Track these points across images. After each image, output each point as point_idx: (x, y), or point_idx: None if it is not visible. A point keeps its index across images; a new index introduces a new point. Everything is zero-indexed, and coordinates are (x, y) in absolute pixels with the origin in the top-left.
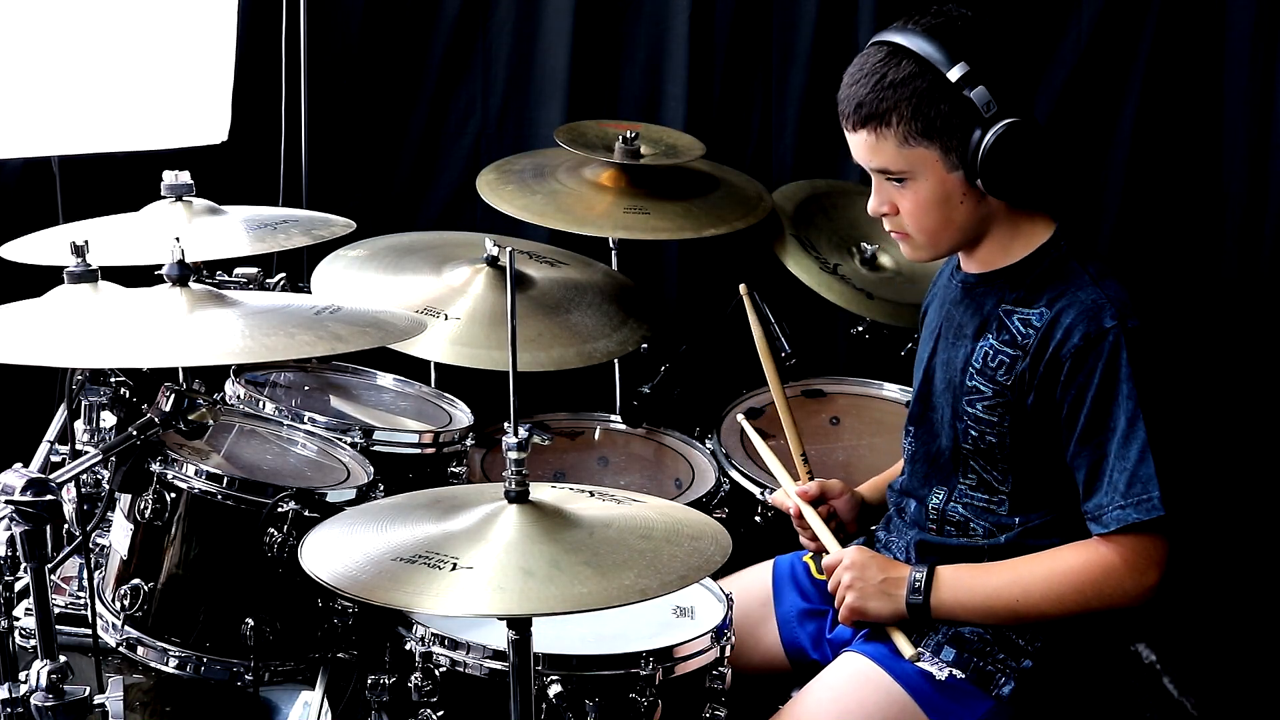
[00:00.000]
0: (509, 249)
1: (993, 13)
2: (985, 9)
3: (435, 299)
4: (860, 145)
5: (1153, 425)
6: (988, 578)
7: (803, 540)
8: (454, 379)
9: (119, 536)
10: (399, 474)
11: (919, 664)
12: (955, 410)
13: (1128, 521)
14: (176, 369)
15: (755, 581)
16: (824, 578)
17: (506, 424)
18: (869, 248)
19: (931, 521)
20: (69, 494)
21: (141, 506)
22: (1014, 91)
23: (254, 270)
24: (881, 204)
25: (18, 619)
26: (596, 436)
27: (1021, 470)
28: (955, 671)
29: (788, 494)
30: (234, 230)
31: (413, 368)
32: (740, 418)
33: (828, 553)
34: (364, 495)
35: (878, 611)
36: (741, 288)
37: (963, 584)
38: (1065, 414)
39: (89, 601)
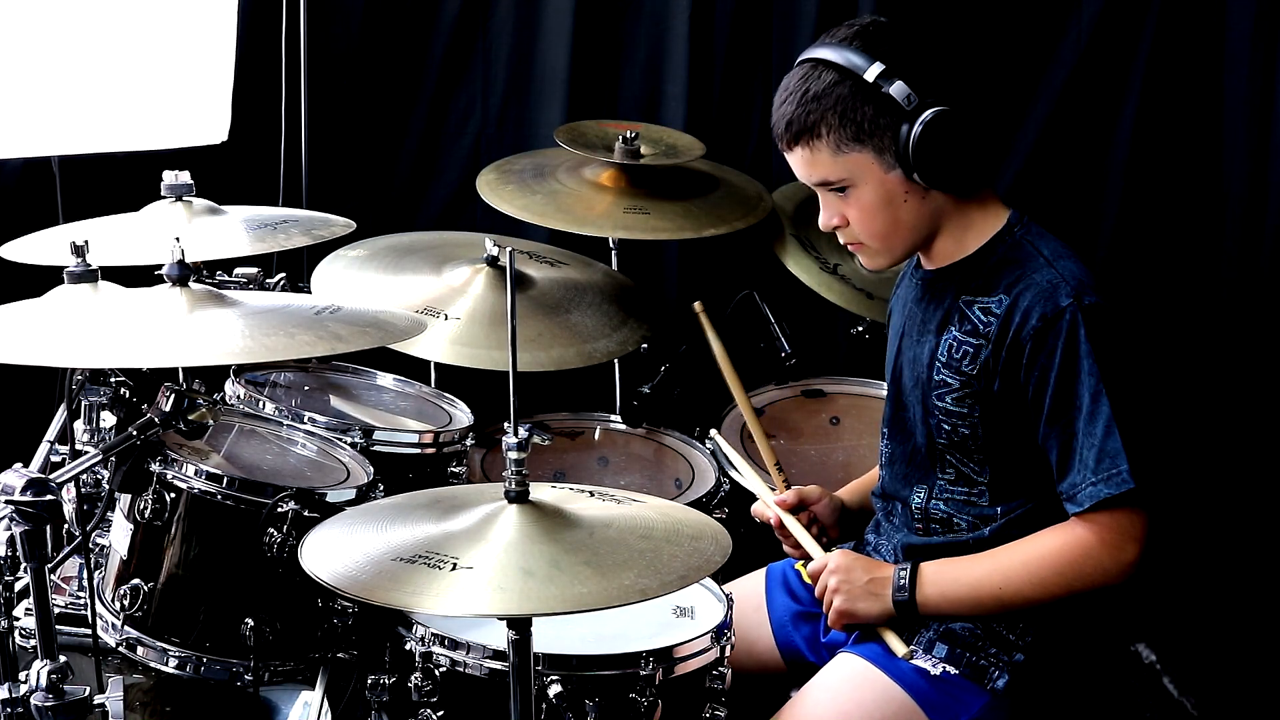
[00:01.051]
0: (509, 249)
1: (993, 13)
2: (984, 10)
3: (435, 299)
4: (798, 162)
5: (1116, 400)
6: (969, 569)
7: (786, 549)
8: (454, 379)
9: (119, 536)
10: (399, 474)
11: (913, 660)
12: (926, 406)
13: (1100, 497)
14: (176, 369)
15: (748, 589)
16: (813, 582)
17: (506, 424)
18: None
19: (917, 521)
20: (69, 494)
21: (141, 506)
22: (935, 82)
23: (254, 270)
24: (831, 217)
25: (18, 619)
26: (596, 436)
27: (997, 459)
28: (948, 667)
29: (766, 504)
30: (234, 230)
31: (413, 368)
32: (714, 432)
33: (812, 559)
34: (364, 495)
35: (867, 612)
36: (696, 305)
37: (946, 577)
38: (1031, 396)
39: (89, 601)
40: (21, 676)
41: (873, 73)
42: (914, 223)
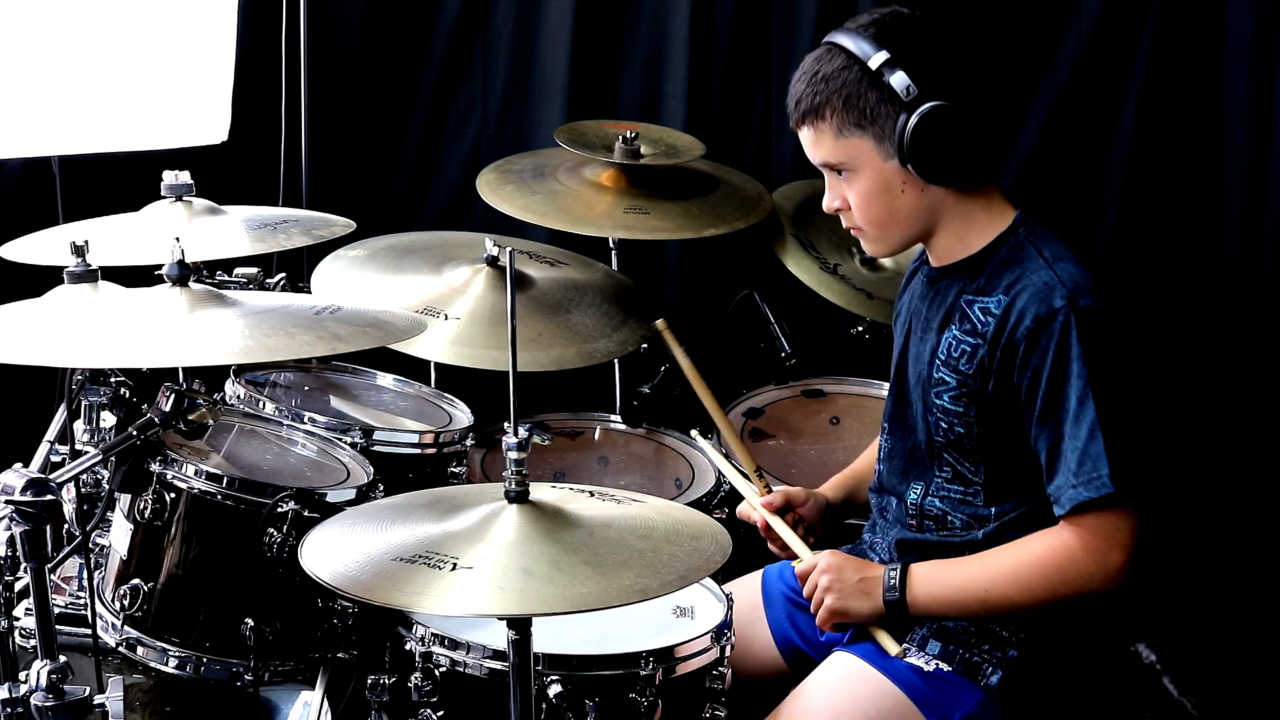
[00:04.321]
0: (509, 249)
1: (993, 13)
2: (986, 10)
3: (435, 299)
4: (805, 141)
5: (1103, 404)
6: (957, 570)
7: (773, 550)
8: (454, 379)
9: (119, 536)
10: (399, 474)
11: (906, 658)
12: (926, 403)
13: (1079, 500)
14: (176, 369)
15: (745, 589)
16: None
17: (506, 424)
18: None
19: (911, 517)
20: (69, 494)
21: (141, 506)
22: (939, 77)
23: (254, 270)
24: (834, 199)
25: (18, 619)
26: (596, 436)
27: (993, 460)
28: (941, 664)
29: (753, 506)
30: (234, 230)
31: (413, 368)
32: (694, 433)
33: (800, 559)
34: (364, 495)
35: (858, 611)
36: (658, 323)
37: (935, 578)
38: (1024, 397)
39: (89, 601)
40: (21, 676)
41: (877, 60)
42: (911, 214)
